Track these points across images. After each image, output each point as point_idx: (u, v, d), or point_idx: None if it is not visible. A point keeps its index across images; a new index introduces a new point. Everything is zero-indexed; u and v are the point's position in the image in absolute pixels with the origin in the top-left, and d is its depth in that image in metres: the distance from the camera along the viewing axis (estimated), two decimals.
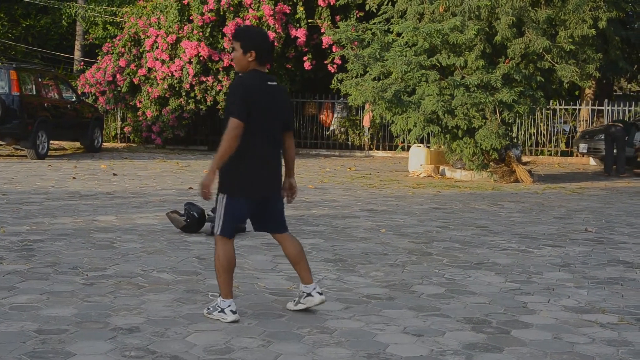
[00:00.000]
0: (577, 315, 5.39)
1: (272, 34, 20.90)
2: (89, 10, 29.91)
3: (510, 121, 15.49)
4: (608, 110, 22.71)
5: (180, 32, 21.85)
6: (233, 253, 5.12)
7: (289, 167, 5.32)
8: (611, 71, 19.90)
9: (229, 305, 5.01)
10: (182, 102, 22.14)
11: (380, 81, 15.19)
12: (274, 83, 5.15)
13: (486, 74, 14.55)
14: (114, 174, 14.63)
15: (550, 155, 23.00)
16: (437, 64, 15.01)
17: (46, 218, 9.04)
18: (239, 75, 5.15)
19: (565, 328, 5.05)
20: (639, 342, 4.78)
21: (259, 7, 21.25)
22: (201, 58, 21.47)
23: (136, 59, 22.82)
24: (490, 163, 15.43)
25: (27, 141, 17.20)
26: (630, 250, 8.03)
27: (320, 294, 5.22)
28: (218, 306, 5.04)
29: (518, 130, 22.48)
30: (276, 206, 5.25)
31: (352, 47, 16.66)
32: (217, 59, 21.64)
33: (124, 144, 24.40)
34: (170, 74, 21.84)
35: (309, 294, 5.21)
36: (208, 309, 5.12)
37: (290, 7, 21.40)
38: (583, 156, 21.61)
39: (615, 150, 17.99)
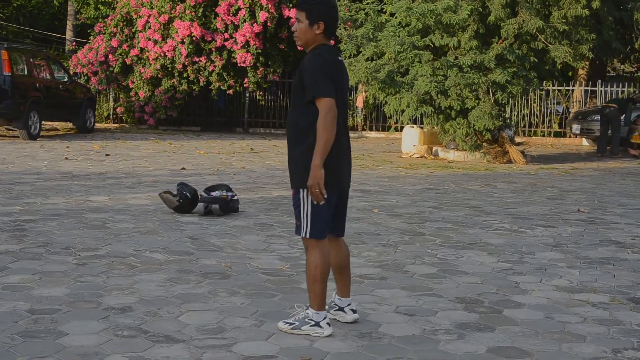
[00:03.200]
0: (569, 295, 5.40)
1: (264, 14, 20.83)
2: None
3: (503, 102, 15.49)
4: (601, 91, 22.71)
5: (172, 12, 21.75)
6: (329, 256, 4.47)
7: None
8: (604, 52, 19.89)
9: (325, 318, 4.42)
10: (175, 83, 22.09)
11: (374, 61, 15.15)
12: (342, 58, 4.49)
13: (479, 54, 14.53)
14: (107, 155, 14.60)
15: (543, 136, 23.02)
16: (431, 44, 14.98)
17: (38, 198, 9.02)
18: (314, 50, 4.39)
19: (557, 308, 5.07)
20: (630, 321, 4.81)
21: None
22: (194, 38, 21.39)
23: (128, 39, 22.73)
24: (483, 144, 15.44)
25: (19, 122, 17.13)
26: (622, 230, 8.06)
27: (354, 311, 4.67)
28: (311, 319, 4.39)
29: (511, 111, 22.47)
30: (346, 202, 4.64)
31: (345, 28, 16.60)
32: (209, 39, 21.56)
33: (116, 125, 24.34)
34: (162, 54, 21.77)
35: (341, 309, 4.67)
36: (289, 322, 4.46)
37: None
38: (576, 137, 21.63)
39: (610, 131, 18.03)
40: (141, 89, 22.40)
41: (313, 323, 4.39)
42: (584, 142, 21.60)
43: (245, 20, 21.13)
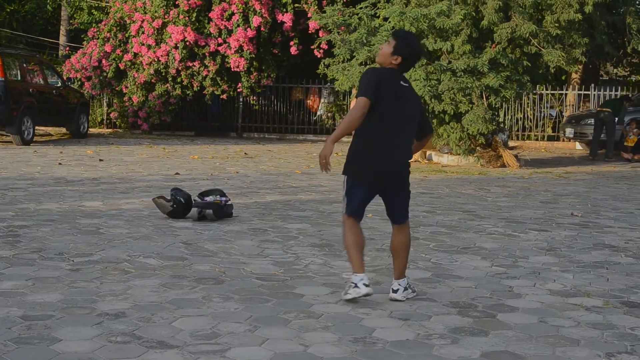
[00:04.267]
0: (563, 298, 5.41)
1: (258, 19, 20.84)
2: None
3: (497, 106, 15.50)
4: (594, 95, 22.76)
5: (166, 16, 21.74)
6: (358, 230, 5.23)
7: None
8: (597, 56, 19.96)
9: (362, 279, 5.09)
10: (169, 88, 22.07)
11: (367, 66, 15.16)
12: (407, 84, 5.24)
13: (473, 58, 14.54)
14: (100, 160, 14.58)
15: (537, 140, 23.05)
16: (424, 48, 14.99)
17: (32, 204, 9.00)
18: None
19: (550, 312, 5.08)
20: (623, 325, 4.81)
21: None
22: (187, 43, 21.38)
23: (122, 44, 22.70)
24: (477, 148, 15.46)
25: (12, 127, 17.08)
26: (616, 234, 8.07)
27: (414, 289, 5.34)
28: (352, 282, 5.12)
29: (505, 115, 22.50)
30: (397, 197, 5.30)
31: (338, 32, 16.61)
32: (203, 44, 21.55)
33: (110, 130, 24.30)
34: (156, 59, 21.75)
35: (393, 290, 5.28)
36: (346, 292, 5.16)
37: None
38: (569, 141, 21.68)
39: (604, 135, 18.05)
40: (135, 94, 22.37)
41: (354, 285, 5.10)
42: (578, 146, 21.64)
43: (238, 25, 21.14)
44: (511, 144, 18.19)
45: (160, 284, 5.51)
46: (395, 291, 5.25)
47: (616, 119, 18.09)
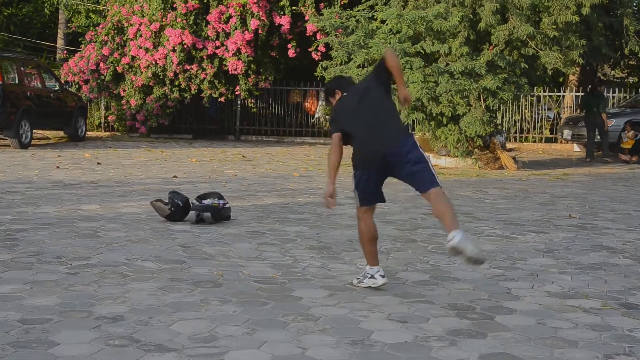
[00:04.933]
0: (561, 300, 5.41)
1: (255, 22, 20.85)
2: None
3: (494, 108, 15.51)
4: None
5: (163, 20, 21.76)
6: (371, 223, 5.62)
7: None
8: (595, 58, 19.95)
9: (378, 271, 5.53)
10: (166, 91, 22.08)
11: (365, 68, 15.17)
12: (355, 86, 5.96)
13: (470, 60, 14.56)
14: (98, 163, 14.57)
15: (535, 141, 23.08)
16: (422, 51, 15.00)
17: (29, 207, 8.99)
18: None
19: (548, 313, 5.08)
20: (621, 326, 4.81)
21: None
22: (185, 46, 21.40)
23: (120, 47, 22.71)
24: (475, 150, 15.47)
25: (10, 130, 17.08)
26: (614, 235, 8.08)
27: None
28: (368, 273, 5.57)
29: (502, 117, 22.53)
30: (407, 170, 5.47)
31: (336, 35, 16.62)
32: (201, 47, 21.58)
33: (108, 133, 24.30)
34: (154, 62, 21.76)
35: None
36: (358, 278, 5.67)
37: None
38: (567, 142, 21.70)
39: (598, 136, 18.07)
40: (132, 97, 22.38)
41: (369, 276, 5.55)
42: (575, 147, 21.66)
43: (236, 28, 21.15)
44: (509, 146, 18.21)
45: (158, 287, 5.50)
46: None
47: (603, 114, 18.00)
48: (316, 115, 24.51)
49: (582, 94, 23.00)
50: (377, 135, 5.53)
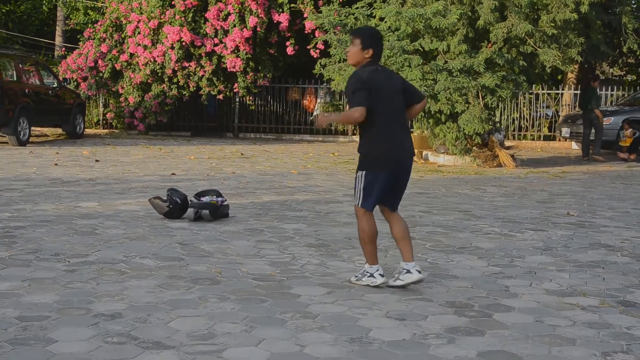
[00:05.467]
0: (559, 298, 5.42)
1: (254, 19, 20.83)
2: None
3: (493, 106, 15.52)
4: None
5: (162, 17, 21.73)
6: (373, 222, 5.55)
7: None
8: (593, 55, 19.96)
9: (377, 270, 5.54)
10: (165, 88, 22.05)
11: None
12: (382, 69, 5.59)
13: (469, 58, 14.55)
14: (97, 161, 14.56)
15: (533, 139, 23.08)
16: (420, 48, 15.00)
17: (28, 205, 8.99)
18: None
19: (546, 311, 5.08)
20: (619, 324, 4.82)
21: None
22: (183, 43, 21.38)
23: (118, 45, 22.69)
24: (473, 148, 15.47)
25: (8, 128, 17.06)
26: (612, 233, 8.08)
27: (419, 272, 5.51)
28: (367, 272, 5.56)
29: (501, 115, 22.53)
30: (403, 185, 5.62)
31: (334, 32, 16.61)
32: (199, 44, 21.55)
33: (106, 130, 24.29)
34: (152, 60, 21.74)
35: (408, 271, 5.50)
36: (356, 276, 5.66)
37: None
38: (565, 140, 21.71)
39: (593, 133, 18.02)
40: (131, 95, 22.36)
41: (369, 275, 5.54)
42: (574, 145, 21.67)
43: (235, 25, 21.13)
44: (507, 143, 18.21)
45: (156, 284, 5.50)
46: (420, 271, 5.52)
47: (596, 110, 17.94)
48: (315, 113, 24.48)
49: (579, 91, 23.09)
50: (406, 139, 5.52)
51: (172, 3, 21.74)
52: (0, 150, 16.40)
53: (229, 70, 21.59)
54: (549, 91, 23.60)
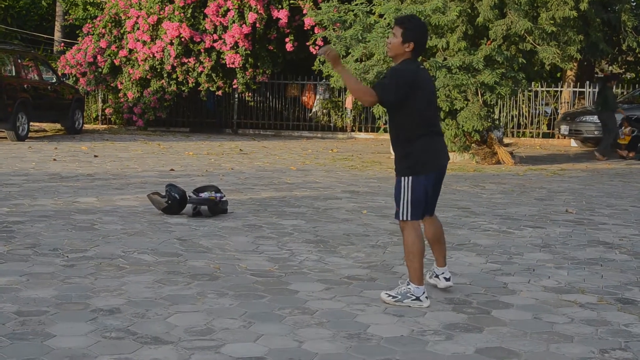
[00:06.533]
0: (557, 295, 5.42)
1: (253, 15, 20.82)
2: None
3: (492, 103, 15.51)
4: (589, 92, 22.79)
5: (161, 12, 21.70)
6: (422, 235, 5.20)
7: None
8: (592, 53, 19.94)
9: (424, 292, 5.05)
10: (164, 84, 22.04)
11: (363, 63, 15.15)
12: (422, 66, 5.23)
13: (468, 55, 14.54)
14: (95, 156, 14.56)
15: (532, 137, 23.08)
16: None
17: (26, 200, 8.99)
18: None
19: (545, 308, 5.08)
20: (617, 321, 4.82)
21: None
22: (182, 39, 21.35)
23: (117, 40, 22.67)
24: (472, 145, 15.47)
25: (6, 123, 17.05)
26: (610, 231, 8.08)
27: (447, 279, 5.42)
28: (412, 294, 5.02)
29: (500, 112, 22.53)
30: (439, 188, 5.38)
31: (334, 29, 16.59)
32: (198, 40, 21.53)
33: (105, 126, 24.28)
34: (151, 55, 21.72)
35: (437, 275, 5.46)
36: (392, 295, 5.07)
37: None
38: (564, 138, 21.70)
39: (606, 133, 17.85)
40: (130, 90, 22.34)
41: (414, 298, 5.02)
42: (573, 143, 21.67)
43: (234, 22, 21.12)
44: (506, 141, 18.20)
45: (154, 280, 5.50)
46: (448, 279, 5.43)
47: (612, 112, 17.82)
48: (313, 109, 24.48)
49: (582, 89, 23.09)
50: (444, 141, 5.38)
51: None
52: None
53: (228, 66, 21.58)
54: (548, 89, 23.60)
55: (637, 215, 9.28)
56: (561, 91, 23.83)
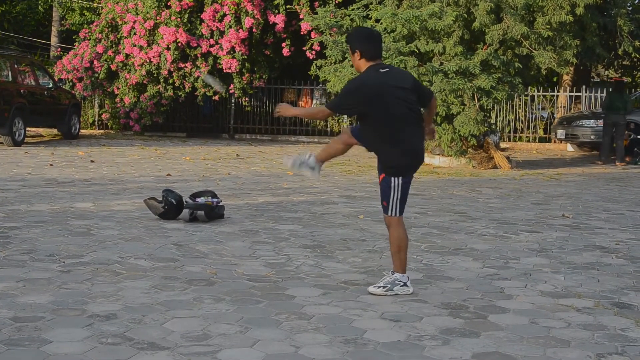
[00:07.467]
0: (554, 300, 5.42)
1: (250, 20, 20.83)
2: None
3: (488, 107, 15.53)
4: (586, 96, 22.82)
5: (158, 18, 21.71)
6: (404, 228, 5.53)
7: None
8: (588, 58, 19.99)
9: (408, 279, 5.49)
10: (161, 89, 22.03)
11: None
12: (387, 69, 5.42)
13: (464, 60, 14.57)
14: (92, 161, 14.55)
15: (529, 141, 23.10)
16: (416, 50, 15.01)
17: (23, 205, 8.97)
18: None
19: (541, 313, 5.08)
20: (614, 326, 4.83)
21: None
22: (179, 44, 21.35)
23: (114, 45, 22.66)
24: (469, 149, 15.49)
25: (3, 128, 17.01)
26: (607, 235, 8.09)
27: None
28: (399, 281, 5.40)
29: (496, 117, 22.54)
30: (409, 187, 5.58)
31: (330, 33, 16.62)
32: (195, 45, 21.53)
33: (101, 131, 24.26)
34: (148, 60, 21.71)
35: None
36: (379, 286, 5.41)
37: None
38: (561, 142, 21.72)
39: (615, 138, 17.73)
40: (126, 95, 22.33)
41: (402, 284, 5.41)
42: (569, 147, 21.70)
43: (230, 26, 21.12)
44: (503, 145, 18.22)
45: (151, 285, 5.50)
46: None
47: (625, 115, 17.62)
48: None
49: (578, 94, 23.11)
50: (422, 139, 5.55)
51: (168, 4, 21.72)
52: None
53: (224, 71, 21.58)
54: (544, 93, 23.63)
55: (633, 219, 9.30)
56: (557, 96, 23.86)
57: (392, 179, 5.38)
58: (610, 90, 19.05)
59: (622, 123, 17.53)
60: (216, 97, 22.48)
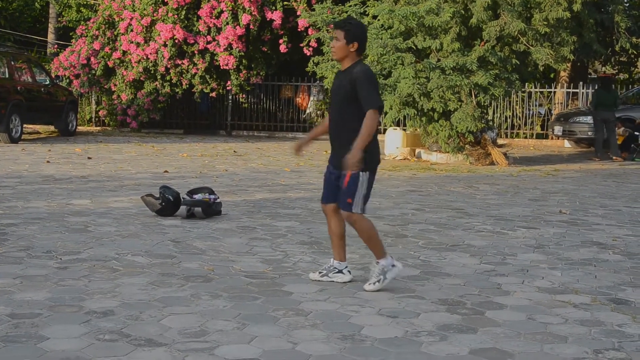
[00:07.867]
0: (551, 296, 5.43)
1: (247, 17, 20.81)
2: None
3: (485, 104, 15.54)
4: (583, 93, 22.83)
5: (155, 14, 21.68)
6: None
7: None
8: (586, 54, 19.99)
9: (392, 258, 5.51)
10: (158, 86, 22.00)
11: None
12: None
13: (462, 56, 14.56)
14: (89, 158, 14.54)
15: (526, 137, 23.11)
16: (413, 46, 15.00)
17: (20, 202, 8.97)
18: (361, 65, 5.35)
19: (538, 309, 5.09)
20: (611, 322, 4.83)
21: None
22: (176, 41, 21.33)
23: (111, 42, 22.63)
24: (466, 146, 15.49)
25: (0, 125, 17.01)
26: (604, 231, 8.10)
27: (350, 272, 5.68)
28: (387, 267, 5.40)
29: (493, 113, 22.55)
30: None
31: (328, 30, 16.61)
32: (192, 41, 21.51)
33: (98, 128, 24.23)
34: (145, 57, 21.68)
35: (340, 271, 5.63)
36: (374, 284, 5.40)
37: None
38: (558, 139, 21.74)
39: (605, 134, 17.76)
40: (123, 92, 22.31)
41: (390, 268, 5.41)
42: (566, 143, 21.71)
43: (227, 23, 21.10)
44: (500, 141, 18.23)
45: (148, 282, 5.49)
46: (350, 272, 5.72)
47: (614, 112, 17.69)
48: (307, 111, 24.48)
49: (575, 90, 23.12)
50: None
51: (165, 0, 21.70)
52: None
53: (221, 67, 21.57)
54: (541, 89, 23.63)
55: (630, 215, 9.31)
56: (555, 92, 23.87)
57: (362, 174, 5.26)
58: (598, 87, 19.08)
59: (612, 119, 17.64)
60: (213, 94, 22.46)
